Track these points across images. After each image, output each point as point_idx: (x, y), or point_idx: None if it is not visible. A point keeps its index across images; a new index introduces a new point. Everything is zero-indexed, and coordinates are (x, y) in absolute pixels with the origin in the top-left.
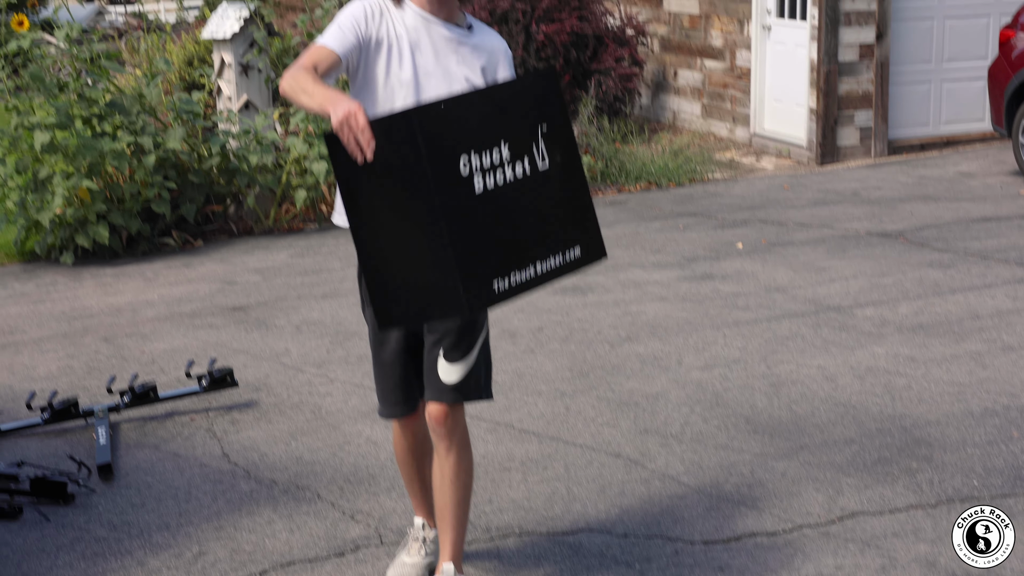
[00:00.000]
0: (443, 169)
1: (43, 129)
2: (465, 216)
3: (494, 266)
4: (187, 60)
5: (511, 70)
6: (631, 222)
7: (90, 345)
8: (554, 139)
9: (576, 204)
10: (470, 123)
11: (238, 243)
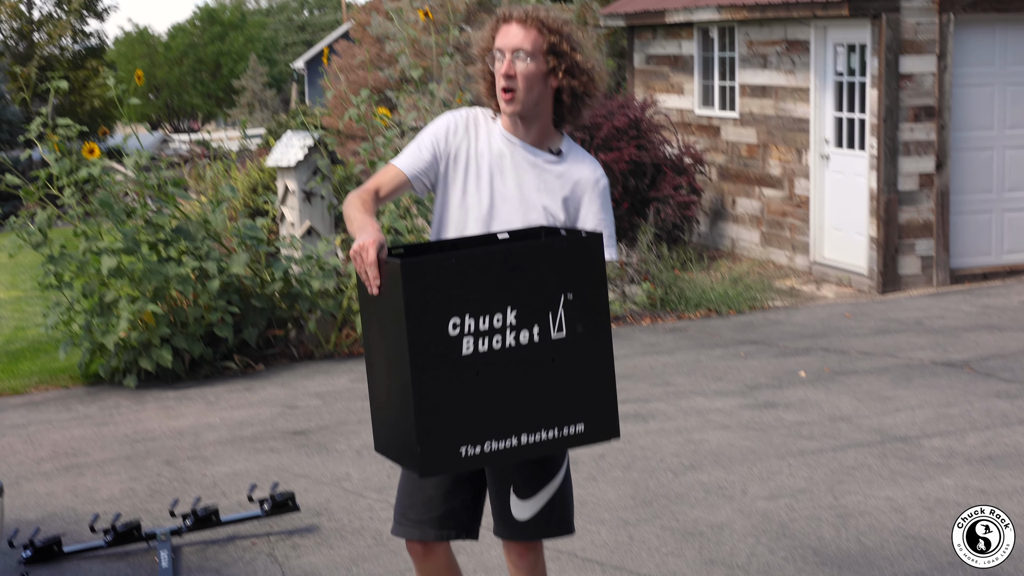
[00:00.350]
0: (425, 326)
1: (110, 254)
2: (440, 376)
3: (466, 432)
4: (251, 187)
5: (600, 203)
6: (691, 349)
7: (152, 468)
8: (579, 308)
9: (591, 378)
10: (475, 284)
11: (299, 367)
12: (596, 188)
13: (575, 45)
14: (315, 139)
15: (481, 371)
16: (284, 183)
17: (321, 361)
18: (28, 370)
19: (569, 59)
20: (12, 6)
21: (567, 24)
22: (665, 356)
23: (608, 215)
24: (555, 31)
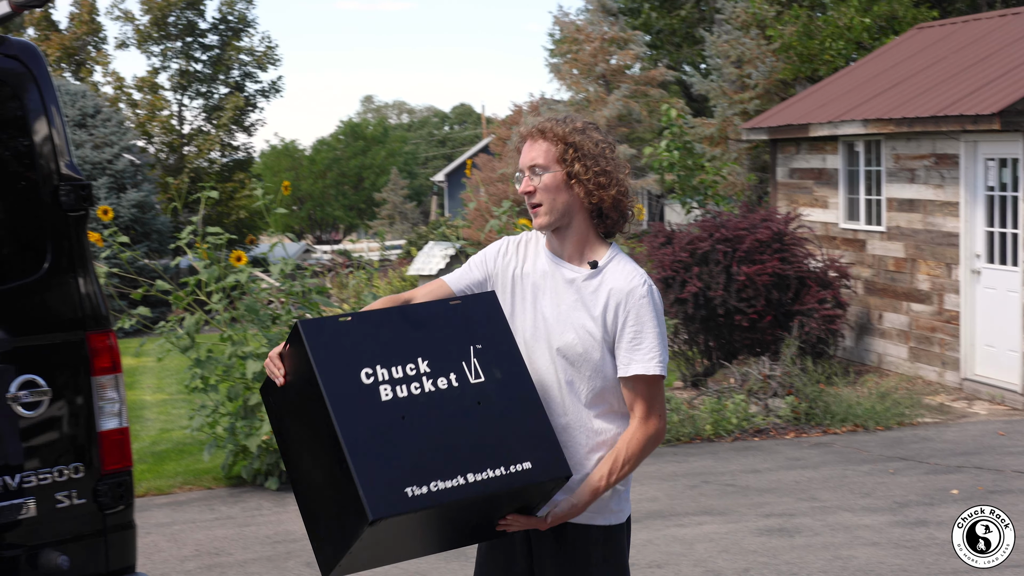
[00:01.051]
0: (337, 376)
1: (255, 359)
2: (365, 422)
3: (408, 472)
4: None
5: (635, 314)
6: (837, 464)
7: (293, 569)
8: (491, 357)
9: (524, 419)
10: (378, 338)
11: None
12: (631, 298)
13: (585, 151)
14: (456, 248)
15: (407, 415)
16: None
17: None
18: (173, 471)
19: (581, 164)
20: (164, 121)
21: (577, 131)
22: (810, 471)
23: (645, 326)
24: (562, 139)
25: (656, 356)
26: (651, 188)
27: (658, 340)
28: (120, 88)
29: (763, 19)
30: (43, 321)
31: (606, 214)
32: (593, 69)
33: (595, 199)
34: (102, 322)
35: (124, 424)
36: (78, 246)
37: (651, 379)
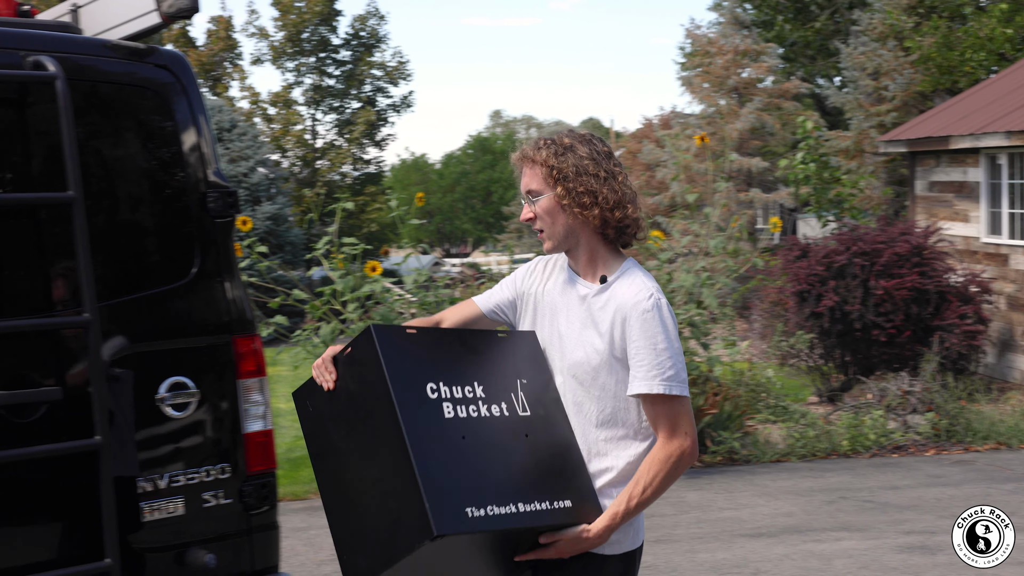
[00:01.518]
0: (406, 386)
1: None
2: (431, 436)
3: (468, 493)
4: None
5: (639, 328)
6: (980, 482)
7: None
8: (535, 394)
9: (563, 458)
10: (441, 356)
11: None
12: (634, 312)
13: (565, 172)
14: None
15: (467, 436)
16: None
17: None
18: (308, 476)
19: (563, 187)
20: (298, 135)
21: (559, 152)
22: (952, 488)
23: (649, 341)
24: (544, 163)
25: (659, 374)
26: (784, 201)
27: (663, 357)
28: (255, 103)
29: (901, 30)
30: (191, 325)
31: (604, 230)
32: (725, 82)
33: (587, 217)
34: (247, 326)
35: (268, 426)
36: (224, 252)
37: (657, 398)
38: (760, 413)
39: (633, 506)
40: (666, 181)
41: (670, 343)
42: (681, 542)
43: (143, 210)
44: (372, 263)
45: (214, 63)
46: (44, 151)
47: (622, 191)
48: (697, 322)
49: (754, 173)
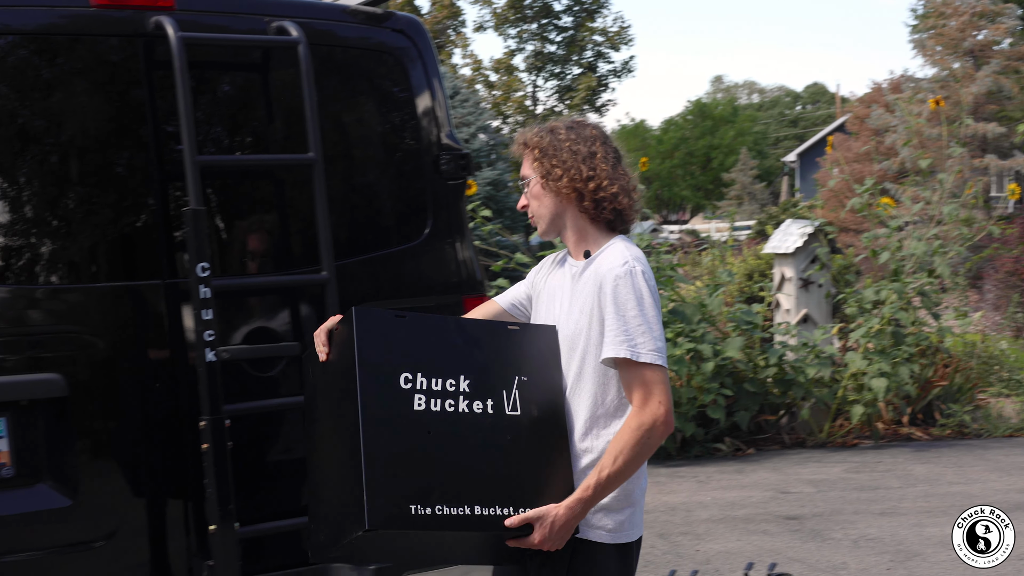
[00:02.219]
0: (376, 373)
1: None
2: (390, 426)
3: (417, 489)
4: (747, 274)
5: (612, 296)
6: None
7: (646, 539)
8: (534, 392)
9: (546, 464)
10: (428, 345)
11: (790, 454)
12: (607, 278)
13: (544, 150)
14: (815, 227)
15: (433, 430)
16: (781, 270)
17: (813, 449)
18: None
19: (540, 164)
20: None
21: (542, 135)
22: None
23: (619, 306)
24: (526, 145)
25: (627, 339)
26: (1022, 168)
27: (633, 323)
28: (478, 70)
29: None
30: (423, 285)
31: (582, 204)
32: (960, 44)
33: (560, 190)
34: (477, 287)
35: None
36: (456, 213)
37: (629, 365)
38: (992, 387)
39: (604, 477)
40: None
41: (642, 309)
42: (908, 515)
43: (378, 172)
44: None
45: (438, 30)
46: (285, 114)
47: (600, 168)
48: (927, 291)
49: (990, 139)
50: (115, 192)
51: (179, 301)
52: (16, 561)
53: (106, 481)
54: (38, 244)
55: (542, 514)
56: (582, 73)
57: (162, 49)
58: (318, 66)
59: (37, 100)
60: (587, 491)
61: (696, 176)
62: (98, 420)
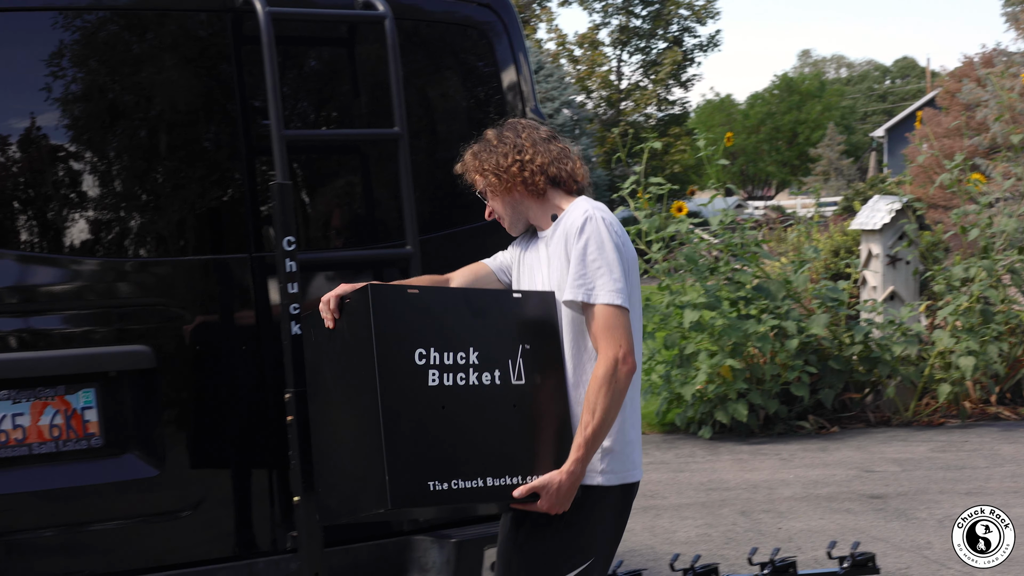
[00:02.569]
0: (391, 351)
1: (693, 308)
2: (408, 405)
3: (435, 465)
4: (833, 250)
5: (581, 245)
6: None
7: (727, 517)
8: (537, 360)
9: (552, 431)
10: (440, 318)
11: (875, 432)
12: (572, 231)
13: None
14: (903, 203)
15: (447, 405)
16: (868, 247)
17: (898, 428)
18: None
19: (482, 174)
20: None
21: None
22: None
23: (579, 253)
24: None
25: (584, 283)
26: None
27: (592, 268)
28: (562, 44)
29: None
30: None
31: (530, 186)
32: None
33: (505, 183)
34: None
35: None
36: None
37: (587, 309)
38: None
39: (589, 434)
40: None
41: (602, 252)
42: (994, 495)
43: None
44: (678, 203)
45: (523, 5)
46: (370, 89)
47: (523, 149)
48: (1018, 269)
49: None
50: (203, 166)
51: (265, 275)
52: (105, 530)
53: (192, 452)
54: (127, 218)
55: (546, 482)
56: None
57: (250, 24)
58: (404, 40)
59: (127, 75)
60: (579, 451)
61: (782, 151)
62: (184, 392)
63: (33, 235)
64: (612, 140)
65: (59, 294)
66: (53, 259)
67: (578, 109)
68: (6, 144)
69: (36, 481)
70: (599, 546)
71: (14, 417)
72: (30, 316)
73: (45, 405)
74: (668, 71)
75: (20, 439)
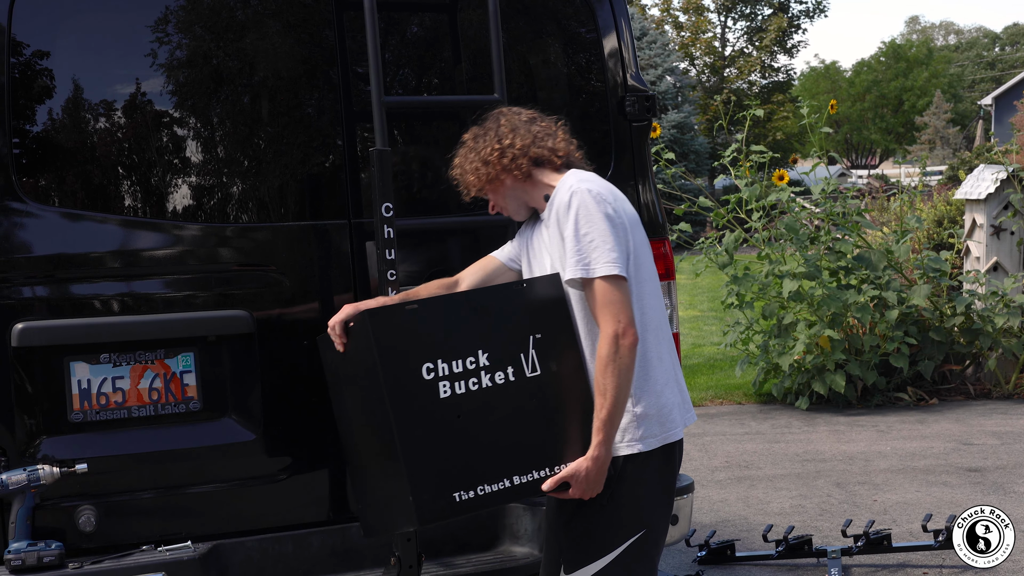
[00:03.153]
0: (399, 373)
1: (792, 278)
2: (422, 422)
3: (457, 476)
4: (937, 220)
5: (572, 220)
6: None
7: (822, 488)
8: (550, 347)
9: (574, 416)
10: (443, 328)
11: (975, 405)
12: (561, 210)
13: (470, 159)
14: (1009, 172)
15: (463, 414)
16: (972, 216)
17: (999, 401)
18: (704, 384)
19: (476, 174)
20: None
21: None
22: None
23: (575, 229)
24: (460, 169)
25: (580, 259)
26: None
27: (585, 241)
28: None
29: None
30: None
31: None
32: None
33: (500, 174)
34: (659, 230)
35: (675, 329)
36: (639, 155)
37: (586, 284)
38: None
39: (606, 415)
40: None
41: (592, 225)
42: None
43: (563, 113)
44: (780, 171)
45: None
46: (471, 56)
47: (503, 138)
48: None
49: None
50: (304, 133)
51: (363, 241)
52: (203, 492)
53: (289, 417)
54: (229, 183)
55: (572, 471)
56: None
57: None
58: (505, 6)
59: (231, 41)
60: (599, 435)
61: (887, 119)
62: (282, 357)
63: (136, 200)
64: (715, 108)
65: (161, 259)
66: (155, 224)
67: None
68: (111, 110)
69: (135, 444)
70: (647, 516)
71: (114, 380)
72: (132, 280)
73: (145, 369)
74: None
75: (120, 402)
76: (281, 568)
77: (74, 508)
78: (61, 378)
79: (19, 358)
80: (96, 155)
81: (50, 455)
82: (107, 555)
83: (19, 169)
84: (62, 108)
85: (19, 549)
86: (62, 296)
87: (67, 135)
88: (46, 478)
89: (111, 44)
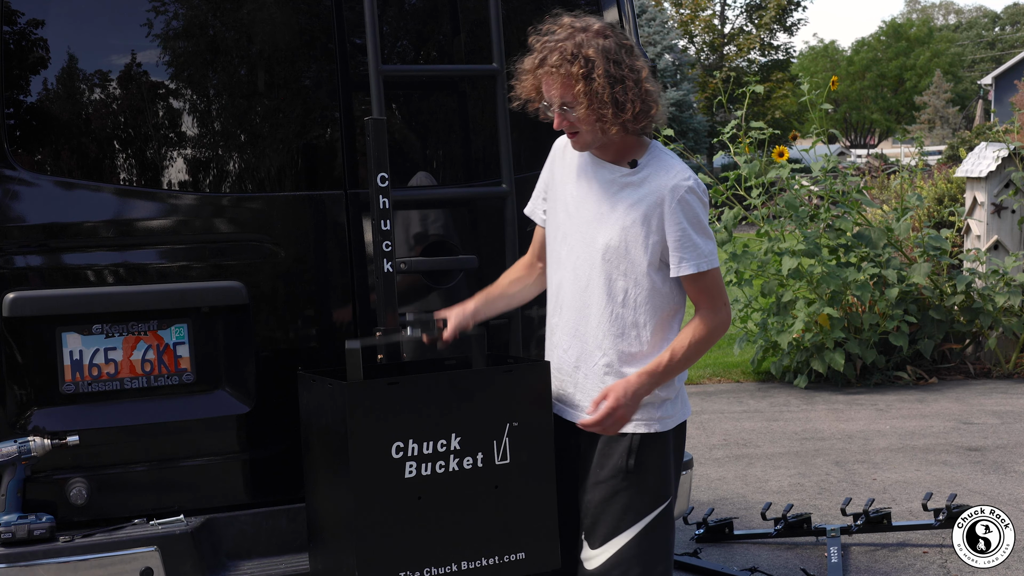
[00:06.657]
0: (367, 449)
1: (791, 255)
2: (381, 500)
3: (406, 555)
4: (937, 198)
5: (682, 212)
6: None
7: (821, 467)
8: (524, 436)
9: (534, 506)
10: (420, 408)
11: (974, 384)
12: (674, 196)
13: (598, 76)
14: (1010, 150)
15: (424, 495)
16: (973, 195)
17: (999, 380)
18: (702, 362)
19: (596, 87)
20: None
21: (586, 55)
22: None
23: (692, 224)
24: (574, 75)
25: (697, 254)
26: None
27: (702, 238)
28: None
29: None
30: None
31: (636, 118)
32: None
33: (617, 121)
34: None
35: None
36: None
37: (699, 275)
38: None
39: (677, 357)
40: None
41: (705, 219)
42: None
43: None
44: (780, 148)
45: None
46: (471, 27)
47: (644, 93)
48: None
49: None
50: (301, 104)
51: (359, 211)
52: (196, 465)
53: (283, 389)
54: (224, 153)
55: (612, 387)
56: None
57: None
58: None
59: (228, 12)
60: (659, 367)
61: (887, 98)
62: (277, 329)
63: (131, 170)
64: (713, 86)
65: (154, 229)
66: (149, 193)
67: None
68: (107, 80)
69: (127, 416)
70: (667, 487)
71: (107, 352)
72: (125, 250)
73: (137, 340)
74: (773, 15)
75: (112, 374)
76: (275, 542)
77: (65, 481)
78: (53, 349)
79: (10, 328)
80: (91, 125)
81: (41, 427)
82: (99, 528)
83: (12, 139)
84: (56, 77)
85: (9, 522)
86: (54, 266)
87: (62, 104)
88: (37, 450)
89: (107, 13)
